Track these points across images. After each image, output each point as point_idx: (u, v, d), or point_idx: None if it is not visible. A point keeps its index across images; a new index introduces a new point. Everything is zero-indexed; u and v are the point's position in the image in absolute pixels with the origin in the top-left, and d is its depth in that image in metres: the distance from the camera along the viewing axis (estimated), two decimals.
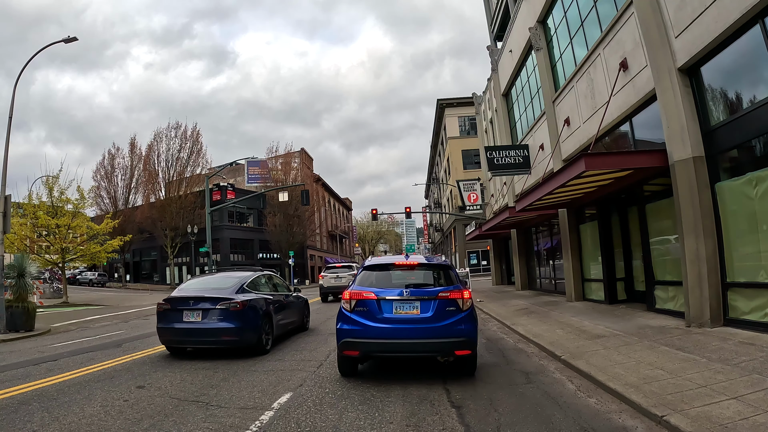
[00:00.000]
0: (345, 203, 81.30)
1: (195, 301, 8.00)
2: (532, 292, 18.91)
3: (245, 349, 8.01)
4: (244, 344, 7.96)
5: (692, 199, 7.71)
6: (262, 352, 8.13)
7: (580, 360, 6.37)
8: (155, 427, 4.42)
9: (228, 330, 7.75)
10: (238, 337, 7.85)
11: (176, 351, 8.35)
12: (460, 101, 41.79)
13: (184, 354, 8.26)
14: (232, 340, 7.84)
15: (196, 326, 7.82)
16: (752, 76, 6.83)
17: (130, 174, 42.96)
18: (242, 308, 7.91)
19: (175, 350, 8.36)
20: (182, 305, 8.00)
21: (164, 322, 8.10)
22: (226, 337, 7.77)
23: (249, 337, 7.96)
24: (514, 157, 16.91)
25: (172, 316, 8.01)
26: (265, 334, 8.38)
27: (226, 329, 7.74)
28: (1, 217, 13.01)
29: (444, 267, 6.55)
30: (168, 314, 8.06)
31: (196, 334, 7.85)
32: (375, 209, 37.43)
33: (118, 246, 27.87)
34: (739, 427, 3.66)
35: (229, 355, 7.95)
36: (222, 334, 7.75)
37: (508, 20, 19.18)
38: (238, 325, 7.79)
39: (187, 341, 8.10)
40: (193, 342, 8.08)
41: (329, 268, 22.47)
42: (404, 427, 4.30)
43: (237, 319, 7.82)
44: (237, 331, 7.79)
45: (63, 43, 15.98)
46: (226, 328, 7.74)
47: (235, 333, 7.78)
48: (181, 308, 7.96)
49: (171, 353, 8.37)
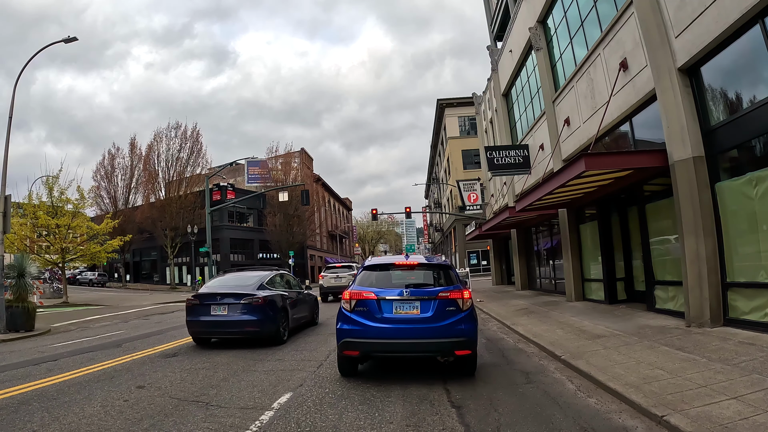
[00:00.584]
0: (345, 203, 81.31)
1: (221, 297, 8.91)
2: (532, 292, 18.91)
3: (265, 340, 8.86)
4: (265, 335, 8.84)
5: (692, 199, 7.71)
6: (279, 342, 9.01)
7: (580, 360, 6.37)
8: (155, 427, 4.42)
9: (251, 322, 8.68)
10: (260, 328, 8.75)
11: (202, 341, 9.32)
12: (460, 101, 41.78)
13: (185, 354, 8.32)
14: (254, 331, 8.74)
15: (223, 319, 8.76)
16: (752, 76, 6.83)
17: (130, 174, 42.93)
18: (263, 303, 8.84)
19: (202, 341, 9.31)
20: (209, 301, 8.91)
21: (193, 315, 9.01)
22: (249, 328, 8.70)
23: (269, 328, 8.86)
24: (514, 157, 16.91)
25: (200, 311, 8.93)
26: (282, 326, 9.27)
27: (249, 321, 8.67)
28: (1, 217, 13.01)
29: (444, 267, 6.54)
30: (197, 309, 8.98)
31: (222, 325, 8.80)
32: (375, 209, 37.44)
33: (118, 246, 27.87)
34: (739, 427, 3.66)
35: (228, 356, 7.99)
36: (245, 326, 8.69)
37: (508, 20, 19.19)
38: (259, 317, 8.72)
39: (214, 332, 9.07)
40: (219, 333, 9.03)
41: (329, 268, 22.47)
42: (404, 427, 4.29)
43: (258, 313, 8.74)
44: (258, 323, 8.72)
45: (63, 43, 15.99)
46: (249, 320, 8.67)
47: (256, 324, 8.71)
48: (209, 303, 8.88)
49: (170, 357, 8.46)
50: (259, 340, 8.86)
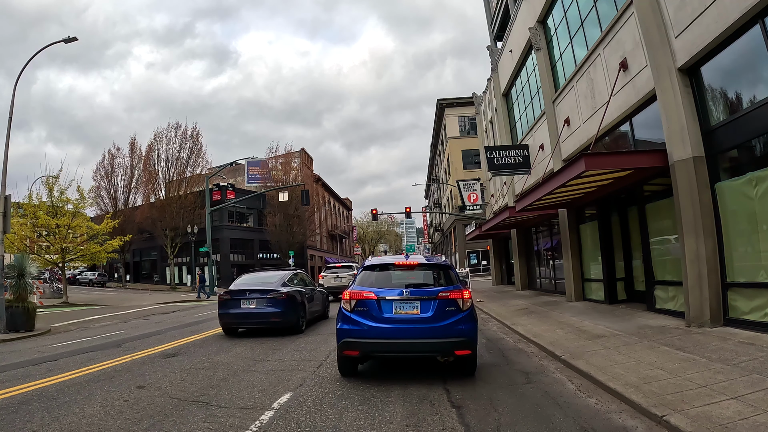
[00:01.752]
0: (345, 203, 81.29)
1: (250, 293, 10.37)
2: (532, 292, 18.91)
3: (287, 329, 10.26)
4: (287, 325, 10.24)
5: (692, 199, 7.71)
6: (298, 331, 10.43)
7: (580, 360, 6.37)
8: (155, 427, 4.42)
9: (275, 314, 10.11)
10: (282, 319, 10.15)
11: (231, 332, 10.59)
12: (460, 101, 41.75)
13: (185, 354, 8.32)
14: (277, 321, 10.16)
15: (251, 311, 10.20)
16: (752, 76, 6.83)
17: (130, 174, 42.85)
18: (286, 297, 10.31)
19: (230, 331, 10.59)
20: (239, 296, 10.36)
21: (225, 308, 10.43)
22: (273, 318, 10.12)
23: (290, 318, 10.29)
24: (514, 157, 16.91)
25: (231, 304, 10.37)
26: (301, 317, 10.65)
27: (273, 313, 10.11)
28: (1, 217, 13.01)
29: (444, 267, 6.55)
30: (228, 303, 10.43)
31: (251, 317, 10.21)
32: (375, 209, 37.44)
33: (118, 246, 27.85)
34: (739, 427, 3.66)
35: (229, 356, 8.00)
36: (271, 317, 10.11)
37: (508, 20, 19.18)
38: (282, 310, 10.17)
39: (243, 323, 10.43)
40: (248, 323, 10.39)
41: (329, 268, 22.47)
42: (404, 427, 4.30)
43: (282, 306, 10.20)
44: (282, 314, 10.14)
45: (63, 43, 15.99)
46: (273, 312, 10.12)
47: (280, 316, 10.13)
48: (239, 298, 10.33)
49: (170, 357, 8.52)
50: (281, 329, 10.23)
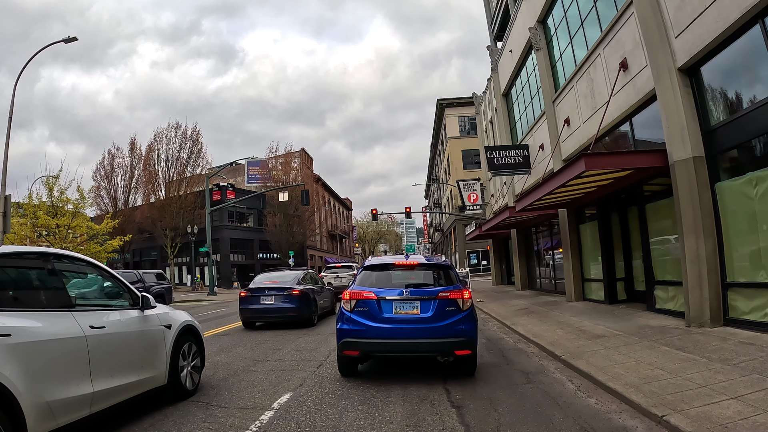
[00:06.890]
0: (345, 203, 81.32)
1: (268, 290, 11.62)
2: (532, 292, 18.91)
3: (301, 322, 11.44)
4: (301, 318, 11.46)
5: (692, 199, 7.71)
6: (311, 324, 11.63)
7: (580, 360, 6.37)
8: (155, 427, 4.42)
9: (291, 309, 11.35)
10: (297, 314, 11.38)
11: (249, 325, 11.79)
12: (460, 101, 41.75)
13: None
14: (293, 315, 11.38)
15: (270, 306, 11.44)
16: (752, 76, 6.83)
17: (130, 174, 42.76)
18: (300, 294, 11.50)
19: (250, 324, 11.78)
20: (258, 293, 11.62)
21: (245, 304, 11.66)
22: (290, 313, 11.35)
23: (304, 313, 11.49)
24: (514, 157, 16.91)
25: (251, 300, 11.61)
26: (313, 312, 11.85)
27: (290, 308, 11.35)
28: (1, 217, 13.02)
29: (444, 267, 6.55)
30: (248, 299, 11.65)
31: (269, 311, 11.45)
32: (375, 209, 37.48)
33: (118, 246, 27.88)
34: (739, 427, 3.66)
35: (228, 356, 7.99)
36: (287, 312, 11.35)
37: (508, 20, 19.17)
38: (297, 305, 11.39)
39: (262, 317, 11.69)
40: (266, 317, 11.62)
41: (329, 268, 22.51)
42: (404, 427, 4.30)
43: (297, 301, 11.40)
44: (297, 309, 11.36)
45: (63, 43, 16.00)
46: (290, 307, 11.35)
47: (295, 311, 11.36)
48: (258, 294, 11.61)
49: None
50: (296, 322, 11.42)
